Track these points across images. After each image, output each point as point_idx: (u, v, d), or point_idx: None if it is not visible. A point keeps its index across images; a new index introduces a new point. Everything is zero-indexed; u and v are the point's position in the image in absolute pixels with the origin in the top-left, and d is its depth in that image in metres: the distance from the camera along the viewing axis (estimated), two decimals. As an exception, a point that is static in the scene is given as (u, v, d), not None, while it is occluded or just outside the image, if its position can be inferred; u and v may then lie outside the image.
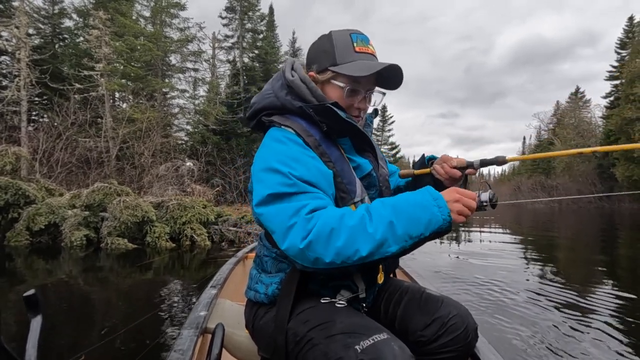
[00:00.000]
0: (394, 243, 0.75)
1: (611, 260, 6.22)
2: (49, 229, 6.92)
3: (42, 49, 16.46)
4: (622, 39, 37.13)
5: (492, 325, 2.72)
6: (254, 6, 25.39)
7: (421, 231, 0.76)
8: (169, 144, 16.77)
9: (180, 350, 1.01)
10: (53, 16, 18.64)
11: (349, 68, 0.93)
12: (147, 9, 19.65)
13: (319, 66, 0.98)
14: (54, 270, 5.07)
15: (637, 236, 10.28)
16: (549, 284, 4.10)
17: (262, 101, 1.00)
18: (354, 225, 0.75)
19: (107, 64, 14.77)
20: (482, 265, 5.15)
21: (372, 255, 0.74)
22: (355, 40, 0.95)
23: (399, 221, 0.75)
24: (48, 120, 15.00)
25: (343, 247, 0.74)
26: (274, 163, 0.85)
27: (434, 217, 0.76)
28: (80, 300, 3.73)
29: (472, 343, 0.96)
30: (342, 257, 0.74)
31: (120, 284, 4.43)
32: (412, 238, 0.75)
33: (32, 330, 0.55)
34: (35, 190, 7.67)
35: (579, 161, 39.95)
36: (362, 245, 0.74)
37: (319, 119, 0.92)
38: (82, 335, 2.71)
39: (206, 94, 21.05)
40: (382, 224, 0.75)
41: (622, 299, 3.58)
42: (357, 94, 0.97)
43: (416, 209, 0.77)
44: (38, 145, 12.42)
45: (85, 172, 13.94)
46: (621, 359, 2.25)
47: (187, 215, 7.33)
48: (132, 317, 3.03)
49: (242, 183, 19.76)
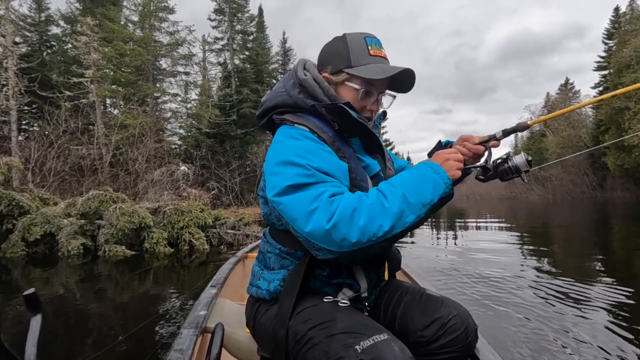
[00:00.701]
0: (410, 213, 0.79)
1: (609, 251, 6.30)
2: (45, 239, 6.83)
3: (29, 57, 16.25)
4: (609, 29, 37.60)
5: (492, 325, 2.70)
6: (242, 7, 25.31)
7: (430, 197, 0.82)
8: (163, 149, 16.66)
9: (179, 349, 1.01)
10: (40, 24, 18.41)
11: (364, 70, 0.94)
12: (136, 13, 19.51)
13: (333, 67, 0.98)
14: (52, 280, 5.01)
15: (633, 224, 10.42)
16: (549, 280, 4.12)
17: (274, 99, 1.00)
18: (372, 203, 0.79)
19: (97, 70, 14.64)
20: (480, 263, 5.17)
21: (394, 228, 0.78)
22: (370, 44, 0.97)
23: (410, 193, 0.80)
24: (39, 129, 14.82)
25: (366, 224, 0.76)
26: (291, 156, 0.85)
27: (436, 183, 0.84)
28: (80, 308, 3.69)
29: (472, 344, 0.96)
30: (368, 235, 0.76)
31: (119, 291, 4.40)
32: (424, 205, 0.81)
33: (31, 329, 0.55)
34: (29, 200, 7.57)
35: (570, 152, 40.34)
36: (383, 220, 0.77)
37: (331, 117, 0.93)
38: (83, 344, 2.68)
39: (198, 97, 20.95)
40: (396, 198, 0.79)
41: (621, 292, 3.61)
42: (370, 96, 0.99)
43: (420, 180, 0.84)
44: (30, 154, 12.27)
45: (79, 180, 13.81)
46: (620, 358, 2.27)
47: (184, 219, 7.28)
48: (133, 323, 3.00)
49: (238, 185, 19.71)
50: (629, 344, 2.38)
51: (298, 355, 0.84)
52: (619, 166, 32.46)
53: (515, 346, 2.37)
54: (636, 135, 25.13)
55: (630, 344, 2.38)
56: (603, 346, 2.35)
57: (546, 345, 2.38)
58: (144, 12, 19.07)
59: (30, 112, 16.85)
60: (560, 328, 2.66)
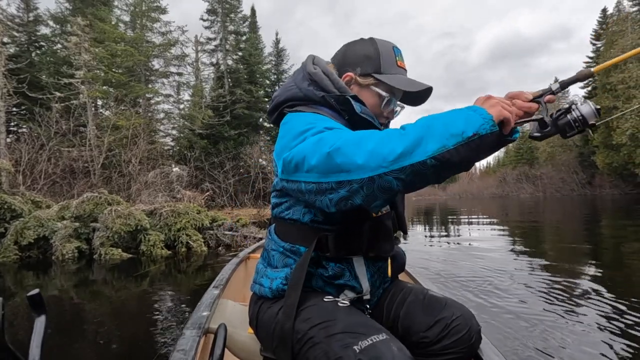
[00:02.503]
0: (433, 141, 0.66)
1: (606, 247, 6.41)
2: (38, 243, 6.69)
3: (18, 57, 15.95)
4: (597, 30, 38.32)
5: (495, 326, 2.70)
6: (235, 8, 25.21)
7: (461, 128, 0.67)
8: (156, 151, 16.49)
9: (182, 350, 1.01)
10: (28, 24, 18.10)
11: (394, 80, 0.97)
12: (127, 13, 19.28)
13: (362, 70, 0.99)
14: (46, 285, 4.91)
15: (622, 221, 10.62)
16: (550, 278, 4.15)
17: (284, 94, 1.01)
18: (383, 132, 0.72)
19: (88, 71, 14.42)
20: (481, 262, 5.21)
21: (410, 154, 0.66)
22: (397, 55, 1.00)
23: (434, 123, 0.69)
24: (28, 130, 14.55)
25: (375, 147, 0.68)
26: (301, 127, 0.83)
27: (472, 117, 0.69)
28: (77, 311, 3.62)
29: (475, 345, 0.95)
30: (376, 159, 0.67)
31: (117, 294, 4.33)
32: (453, 136, 0.66)
33: (36, 330, 0.55)
34: (21, 203, 7.42)
35: (560, 151, 40.98)
36: (395, 143, 0.67)
37: (341, 107, 0.94)
38: (82, 348, 2.63)
39: (191, 98, 20.79)
40: (417, 126, 0.70)
41: (619, 287, 3.67)
42: (392, 103, 1.02)
43: (450, 114, 0.71)
44: (20, 156, 12.03)
45: (70, 183, 13.58)
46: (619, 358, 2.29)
47: (181, 221, 7.20)
48: (132, 326, 2.95)
49: (232, 187, 19.60)
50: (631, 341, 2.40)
51: (299, 354, 0.83)
52: (608, 164, 33.11)
53: (519, 347, 2.37)
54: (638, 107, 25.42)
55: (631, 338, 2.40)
56: (608, 344, 2.37)
57: (550, 345, 2.38)
58: (136, 12, 18.86)
59: (19, 113, 16.55)
60: (563, 326, 2.68)
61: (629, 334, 2.49)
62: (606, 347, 2.33)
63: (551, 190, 42.21)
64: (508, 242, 7.09)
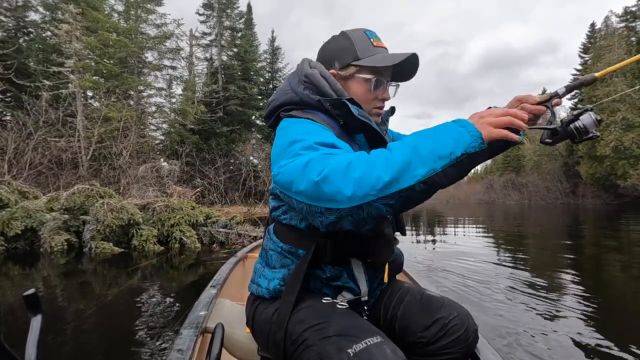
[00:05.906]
0: (421, 165, 0.65)
1: (596, 253, 6.56)
2: (25, 234, 6.49)
3: (4, 43, 15.44)
4: (585, 44, 39.38)
5: (492, 326, 2.73)
6: (232, 3, 25.01)
7: (450, 149, 0.65)
8: (147, 144, 16.19)
9: (179, 349, 1.01)
10: (17, 9, 17.52)
11: (374, 60, 0.95)
12: (121, 3, 18.89)
13: (341, 62, 0.98)
14: (33, 278, 4.75)
15: (604, 231, 10.92)
16: (545, 280, 4.24)
17: (280, 98, 1.00)
18: (371, 156, 0.70)
19: (79, 60, 14.05)
20: (477, 264, 5.27)
21: (397, 180, 0.65)
22: (371, 37, 0.99)
23: (422, 144, 0.67)
24: (13, 118, 14.09)
25: (362, 176, 0.66)
26: (293, 137, 0.83)
27: (460, 135, 0.67)
28: (66, 307, 3.50)
29: (472, 344, 0.96)
30: (364, 187, 0.66)
31: (107, 289, 4.21)
32: (441, 158, 0.65)
33: (32, 330, 0.55)
34: (8, 193, 7.18)
35: (546, 160, 41.91)
36: (383, 170, 0.66)
37: (336, 112, 0.92)
38: (73, 346, 2.55)
39: (183, 93, 20.50)
40: (403, 149, 0.68)
41: (611, 290, 3.75)
42: (381, 84, 0.99)
43: (437, 131, 0.69)
44: (6, 145, 11.65)
45: (56, 174, 13.20)
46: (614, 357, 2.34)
47: (175, 217, 7.08)
48: (126, 323, 2.88)
49: (222, 184, 19.39)
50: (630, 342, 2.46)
51: (293, 356, 0.83)
52: (591, 175, 34.04)
53: (516, 346, 2.40)
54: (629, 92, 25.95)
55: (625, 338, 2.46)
56: (606, 343, 2.42)
57: (547, 345, 2.41)
58: (130, 2, 18.51)
59: (4, 100, 16.02)
60: (563, 325, 2.73)
61: (611, 329, 2.55)
62: (595, 345, 2.38)
63: (536, 198, 43.18)
64: (507, 248, 7.19)
